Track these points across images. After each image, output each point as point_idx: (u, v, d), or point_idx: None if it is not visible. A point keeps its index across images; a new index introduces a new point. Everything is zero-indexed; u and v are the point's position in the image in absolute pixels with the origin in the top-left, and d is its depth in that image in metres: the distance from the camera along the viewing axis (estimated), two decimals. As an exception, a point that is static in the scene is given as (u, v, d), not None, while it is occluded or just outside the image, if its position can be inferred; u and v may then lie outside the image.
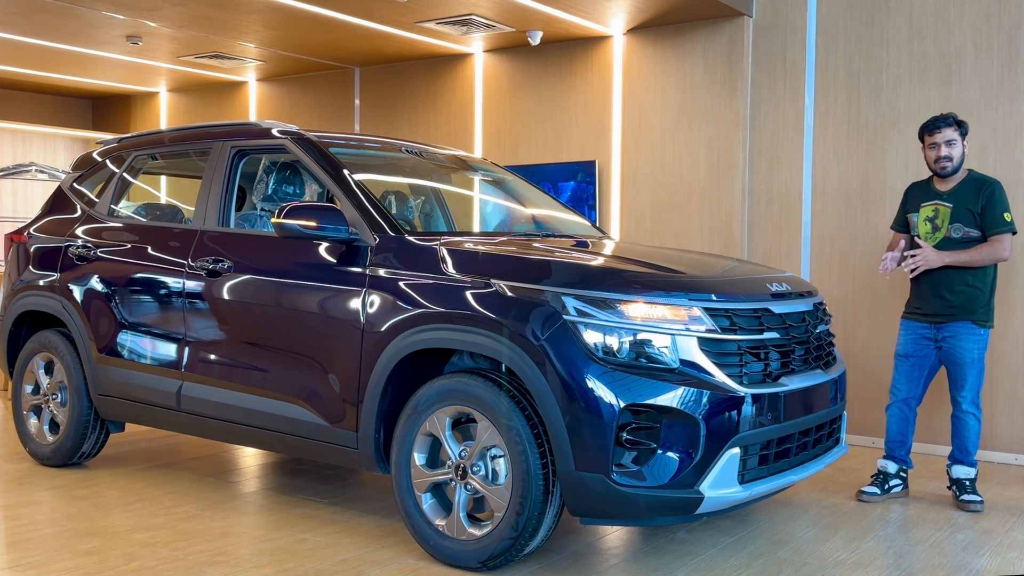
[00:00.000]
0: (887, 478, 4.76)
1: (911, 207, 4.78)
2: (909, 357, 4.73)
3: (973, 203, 4.54)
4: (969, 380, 4.58)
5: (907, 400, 4.76)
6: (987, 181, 4.59)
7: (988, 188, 4.54)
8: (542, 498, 3.31)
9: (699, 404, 3.18)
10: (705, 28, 6.60)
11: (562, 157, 7.29)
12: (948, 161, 4.58)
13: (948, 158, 4.58)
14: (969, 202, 4.55)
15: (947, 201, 4.60)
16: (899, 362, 4.78)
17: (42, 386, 5.09)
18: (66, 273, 4.95)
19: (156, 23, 7.03)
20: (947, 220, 4.58)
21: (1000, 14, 5.64)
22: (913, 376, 4.73)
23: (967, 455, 4.63)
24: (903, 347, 4.76)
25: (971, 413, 4.61)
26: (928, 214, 4.66)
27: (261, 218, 4.63)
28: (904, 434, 4.78)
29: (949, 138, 4.57)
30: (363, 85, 8.53)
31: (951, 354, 4.61)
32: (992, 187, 4.55)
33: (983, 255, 4.50)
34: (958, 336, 4.58)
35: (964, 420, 4.62)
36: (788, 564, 3.69)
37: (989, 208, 4.51)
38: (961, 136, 4.60)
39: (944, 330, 4.62)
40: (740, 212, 6.45)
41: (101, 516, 4.18)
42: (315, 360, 3.88)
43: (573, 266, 3.55)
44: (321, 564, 3.57)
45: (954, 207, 4.57)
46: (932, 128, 4.61)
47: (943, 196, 4.63)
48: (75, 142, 10.65)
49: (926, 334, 4.68)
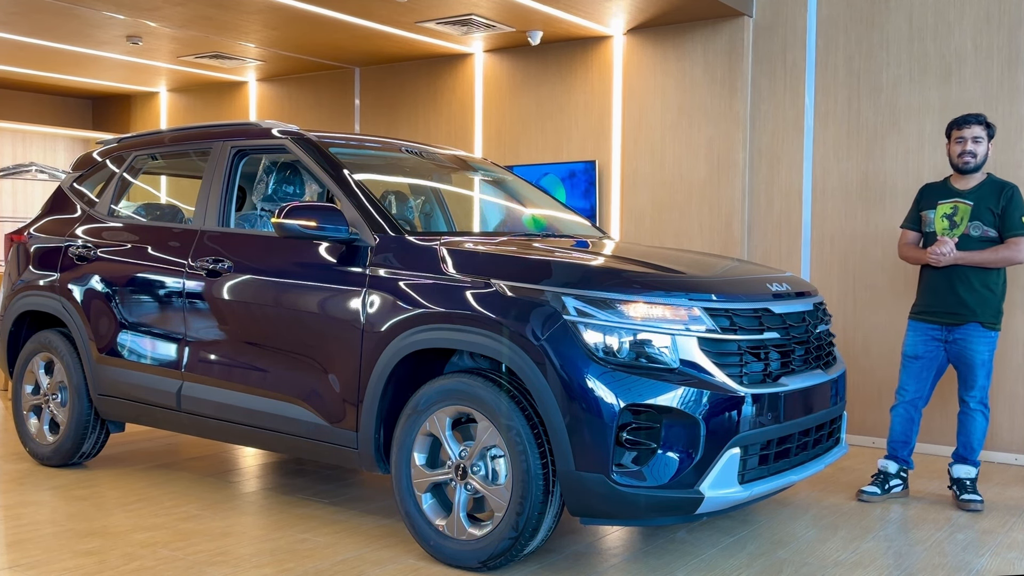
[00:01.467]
0: (887, 478, 4.76)
1: (927, 205, 4.78)
2: (919, 358, 4.72)
3: (994, 203, 4.56)
4: (979, 381, 4.60)
5: (914, 401, 4.76)
6: (1007, 184, 4.62)
7: (1009, 191, 4.58)
8: (542, 498, 3.31)
9: (699, 404, 3.18)
10: (705, 28, 6.60)
11: (562, 157, 7.29)
12: (972, 157, 4.61)
13: (972, 154, 4.60)
14: (990, 201, 4.57)
15: (968, 199, 4.62)
16: (908, 363, 4.77)
17: (42, 386, 5.09)
18: (66, 273, 4.95)
19: (156, 23, 7.03)
20: (967, 217, 4.59)
21: (1000, 14, 5.64)
22: (922, 377, 4.73)
23: (971, 453, 4.63)
24: (912, 348, 4.74)
25: (979, 410, 4.62)
26: (946, 211, 4.66)
27: (261, 218, 4.63)
28: (908, 435, 4.78)
29: (976, 135, 4.61)
30: (363, 85, 8.53)
31: (962, 355, 4.62)
32: (1013, 190, 4.58)
33: (999, 256, 4.53)
34: (968, 338, 4.59)
35: (972, 416, 4.62)
36: (788, 564, 3.69)
37: (1009, 210, 4.54)
38: (988, 137, 4.64)
39: (955, 332, 4.62)
40: (740, 212, 6.45)
41: (101, 516, 4.18)
42: (315, 360, 3.88)
43: (573, 266, 3.54)
44: (321, 564, 3.57)
45: (975, 205, 4.59)
46: (962, 123, 4.64)
47: (963, 194, 4.64)
48: (75, 142, 10.65)
49: (936, 335, 4.67)
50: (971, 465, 4.64)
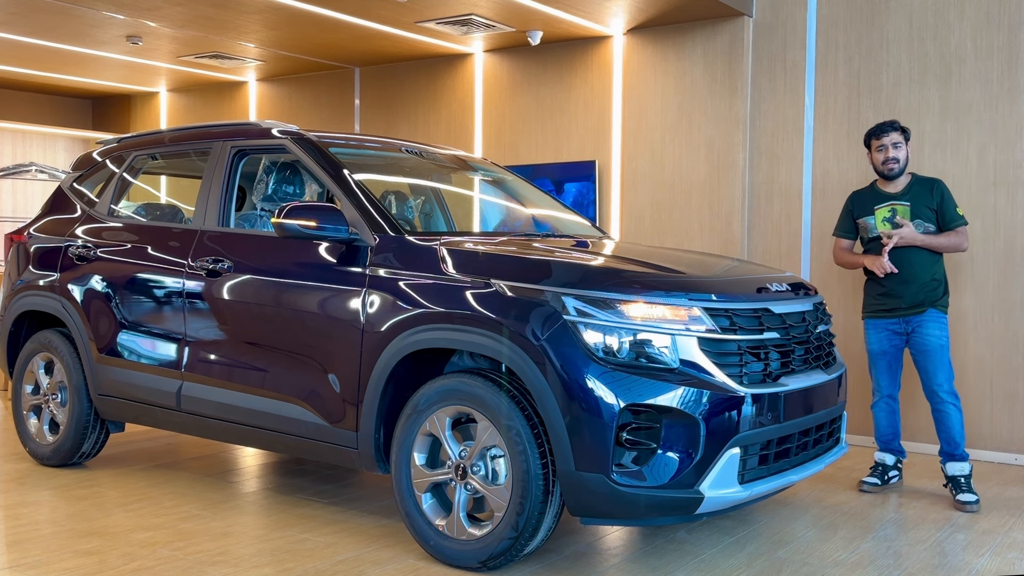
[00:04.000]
0: (886, 469, 4.97)
1: (862, 212, 4.99)
2: (886, 353, 4.92)
3: (929, 200, 4.83)
4: (942, 368, 4.74)
5: (891, 394, 4.96)
6: (934, 181, 4.91)
7: (938, 187, 4.86)
8: (542, 498, 3.31)
9: (699, 404, 3.18)
10: (705, 28, 6.60)
11: (562, 157, 7.29)
12: (895, 163, 4.85)
13: (895, 159, 4.85)
14: (925, 199, 4.83)
15: (903, 200, 4.85)
16: (877, 359, 4.94)
17: (42, 386, 5.09)
18: (66, 273, 4.95)
19: (156, 23, 7.03)
20: (907, 217, 4.80)
21: (1000, 14, 5.64)
22: (892, 371, 4.94)
23: (956, 447, 4.72)
24: (877, 345, 4.93)
25: (950, 403, 4.74)
26: (885, 214, 4.88)
27: (261, 218, 4.63)
28: (894, 426, 4.97)
29: (895, 141, 4.86)
30: (363, 85, 8.53)
31: (922, 343, 4.77)
32: (941, 185, 4.88)
33: (951, 242, 4.82)
34: (925, 324, 4.77)
35: (945, 412, 4.74)
36: (788, 564, 3.69)
37: (944, 206, 4.82)
38: (905, 140, 4.88)
39: (913, 321, 4.79)
40: (740, 212, 6.45)
41: (101, 516, 4.18)
42: (315, 360, 3.88)
43: (573, 266, 3.55)
44: (321, 564, 3.57)
45: (912, 204, 4.83)
46: (879, 132, 4.90)
47: (897, 196, 4.88)
48: (75, 142, 10.65)
49: (896, 329, 4.87)
50: (961, 460, 4.71)
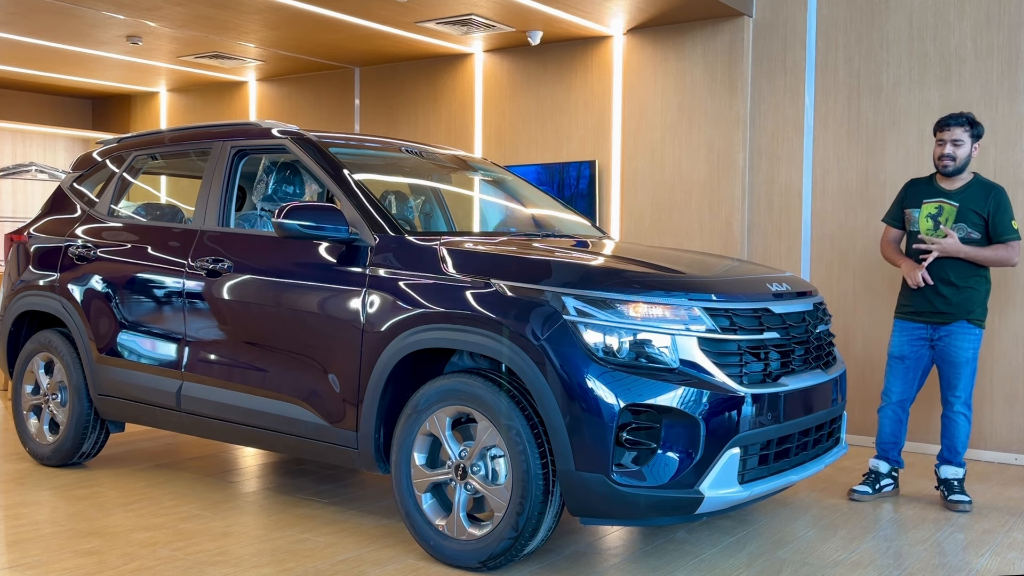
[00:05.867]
0: (879, 477, 4.78)
1: (911, 202, 4.76)
2: (905, 359, 4.72)
3: (980, 206, 4.54)
4: (963, 380, 4.58)
5: (901, 403, 4.77)
6: (994, 187, 4.60)
7: (996, 194, 4.56)
8: (542, 498, 3.31)
9: (699, 404, 3.18)
10: (705, 28, 6.60)
11: (562, 157, 7.29)
12: (951, 160, 4.57)
13: (951, 157, 4.56)
14: (976, 204, 4.55)
15: (953, 200, 4.60)
16: (894, 363, 4.77)
17: (42, 386, 5.09)
18: (66, 273, 4.95)
19: (156, 23, 7.03)
20: (951, 219, 4.58)
21: (1000, 14, 5.64)
22: (908, 378, 4.74)
23: (956, 455, 4.64)
24: (898, 348, 4.74)
25: (962, 414, 4.61)
26: (931, 211, 4.65)
27: (261, 218, 4.63)
28: (897, 436, 4.79)
29: (956, 137, 4.56)
30: (363, 85, 8.53)
31: (946, 353, 4.61)
32: (1000, 193, 4.57)
33: (998, 256, 4.53)
34: (954, 335, 4.58)
35: (955, 420, 4.62)
36: (788, 564, 3.69)
37: (999, 215, 4.53)
38: (972, 138, 4.59)
39: (941, 330, 4.61)
40: (740, 212, 6.45)
41: (101, 516, 4.18)
42: (315, 360, 3.88)
43: (573, 266, 3.54)
44: (321, 564, 3.57)
45: (960, 207, 4.58)
46: (942, 125, 4.62)
47: (949, 195, 4.63)
48: (75, 142, 10.65)
49: (922, 335, 4.67)
50: (957, 466, 4.64)
